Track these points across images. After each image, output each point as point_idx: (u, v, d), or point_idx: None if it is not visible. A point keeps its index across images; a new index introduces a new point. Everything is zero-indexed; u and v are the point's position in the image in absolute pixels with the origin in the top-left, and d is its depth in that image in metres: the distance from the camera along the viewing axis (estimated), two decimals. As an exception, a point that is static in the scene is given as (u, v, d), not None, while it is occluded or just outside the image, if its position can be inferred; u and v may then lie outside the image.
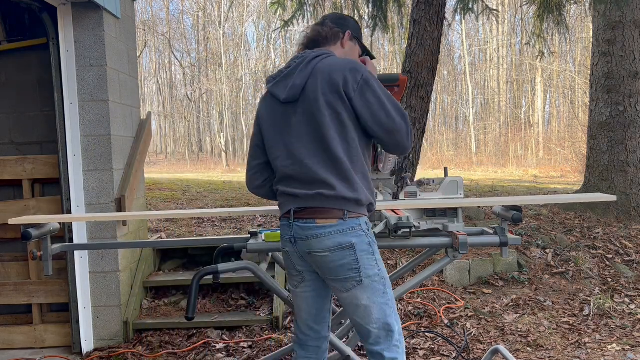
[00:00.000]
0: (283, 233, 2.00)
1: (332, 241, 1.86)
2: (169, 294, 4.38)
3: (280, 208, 2.02)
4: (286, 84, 1.94)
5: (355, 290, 1.89)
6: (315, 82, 1.88)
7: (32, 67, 4.02)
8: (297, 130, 1.91)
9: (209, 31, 28.48)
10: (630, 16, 5.89)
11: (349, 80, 1.85)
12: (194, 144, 29.66)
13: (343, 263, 1.87)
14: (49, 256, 2.41)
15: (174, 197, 7.72)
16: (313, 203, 1.88)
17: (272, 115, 1.99)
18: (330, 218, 1.87)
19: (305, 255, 1.94)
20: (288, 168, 1.94)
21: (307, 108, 1.89)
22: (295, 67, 1.95)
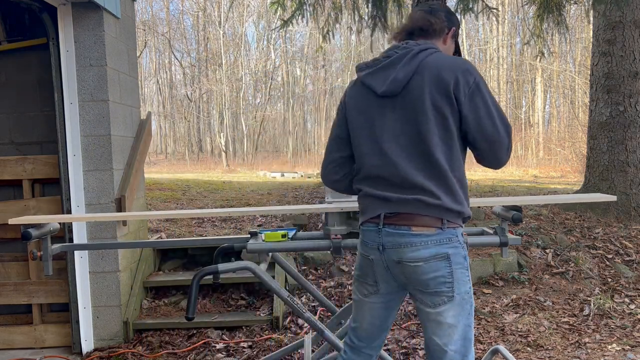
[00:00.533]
0: (368, 239, 1.84)
1: (428, 251, 1.73)
2: (169, 294, 4.38)
3: (364, 211, 1.87)
4: (385, 75, 1.78)
5: (444, 306, 1.75)
6: (421, 79, 1.72)
7: (32, 67, 4.02)
8: (393, 128, 1.77)
9: (209, 31, 28.48)
10: (630, 16, 5.89)
11: (461, 82, 1.70)
12: (194, 144, 29.67)
13: (437, 275, 1.74)
14: (49, 256, 2.41)
15: (174, 197, 7.72)
16: (409, 209, 1.74)
17: (364, 107, 1.84)
18: (428, 226, 1.73)
19: (393, 264, 1.79)
20: (377, 168, 1.80)
21: (408, 106, 1.74)
22: (397, 58, 1.78)
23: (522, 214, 2.22)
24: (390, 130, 1.78)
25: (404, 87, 1.75)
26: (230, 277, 4.09)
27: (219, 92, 26.69)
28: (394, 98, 1.77)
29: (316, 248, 2.49)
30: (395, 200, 1.76)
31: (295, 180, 12.71)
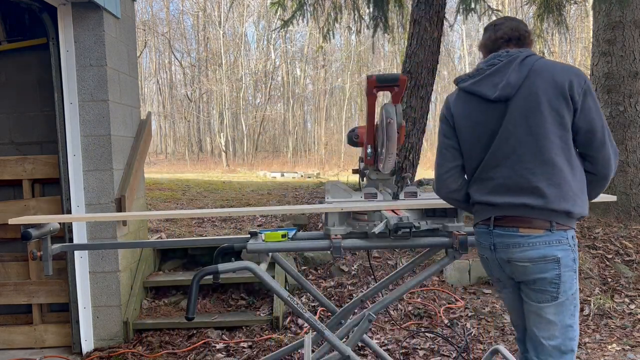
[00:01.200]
0: (481, 240, 1.96)
1: (536, 252, 1.79)
2: (169, 294, 4.38)
3: (476, 214, 1.98)
4: (494, 81, 1.85)
5: (547, 304, 1.83)
6: (534, 83, 1.79)
7: (32, 67, 4.02)
8: (508, 132, 1.83)
9: (209, 31, 28.47)
10: (630, 16, 5.89)
11: (575, 83, 1.76)
12: (194, 144, 29.66)
13: (544, 277, 1.80)
14: (49, 256, 2.41)
15: (174, 197, 7.72)
16: (517, 212, 1.82)
17: (474, 114, 1.90)
18: (536, 228, 1.80)
19: (504, 263, 1.90)
20: (492, 171, 1.87)
21: (523, 109, 1.80)
22: (503, 65, 1.85)
23: None
24: (506, 134, 1.84)
25: (517, 91, 1.81)
26: (230, 277, 4.09)
27: (219, 92, 26.68)
28: (506, 102, 1.83)
29: (316, 248, 2.49)
30: (503, 205, 1.85)
31: (295, 180, 12.71)
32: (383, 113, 2.27)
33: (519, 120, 1.81)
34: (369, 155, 2.48)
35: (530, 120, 1.79)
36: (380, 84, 2.26)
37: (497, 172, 1.86)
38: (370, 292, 2.79)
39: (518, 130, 1.81)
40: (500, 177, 1.86)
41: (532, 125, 1.79)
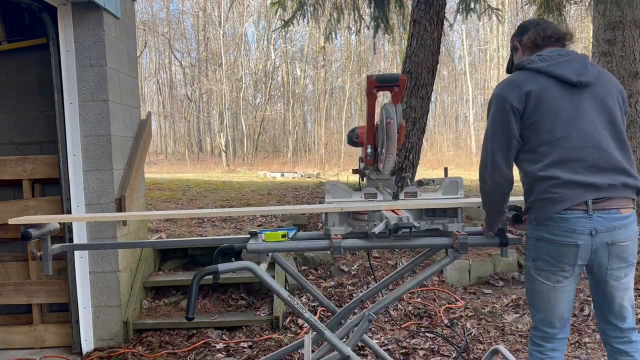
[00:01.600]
0: (577, 226, 1.92)
1: (632, 230, 1.94)
2: (169, 294, 4.38)
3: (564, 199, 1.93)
4: (572, 68, 1.96)
5: (630, 274, 2.00)
6: (606, 79, 2.01)
7: (32, 67, 4.03)
8: (590, 115, 1.93)
9: (209, 31, 28.48)
10: (630, 16, 5.89)
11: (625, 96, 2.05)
12: (194, 144, 29.66)
13: (634, 251, 1.96)
14: (49, 256, 2.41)
15: (174, 197, 7.72)
16: (616, 193, 1.91)
17: (554, 95, 1.96)
18: (629, 207, 1.94)
19: (602, 246, 1.93)
20: (579, 152, 1.92)
21: (600, 96, 1.95)
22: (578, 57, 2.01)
23: (522, 214, 2.22)
24: (588, 118, 1.94)
25: (594, 81, 1.97)
26: (230, 277, 4.09)
27: (219, 92, 26.68)
28: (586, 88, 1.96)
29: (316, 248, 2.49)
30: (603, 185, 1.91)
31: (295, 180, 12.71)
32: (383, 113, 2.27)
33: (599, 105, 1.95)
34: (369, 155, 2.48)
35: (608, 107, 1.96)
36: (380, 84, 2.26)
37: (586, 153, 1.92)
38: (370, 292, 2.79)
39: (599, 114, 1.94)
40: (591, 158, 1.91)
41: (610, 113, 1.96)
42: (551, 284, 2.03)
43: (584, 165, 1.92)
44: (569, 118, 1.94)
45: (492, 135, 2.04)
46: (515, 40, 2.20)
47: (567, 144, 1.93)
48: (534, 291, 2.09)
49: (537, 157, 1.98)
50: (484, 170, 2.08)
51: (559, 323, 2.08)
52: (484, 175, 2.09)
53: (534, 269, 2.06)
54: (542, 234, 1.99)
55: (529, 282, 2.10)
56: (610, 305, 2.05)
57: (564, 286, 2.02)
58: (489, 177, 2.06)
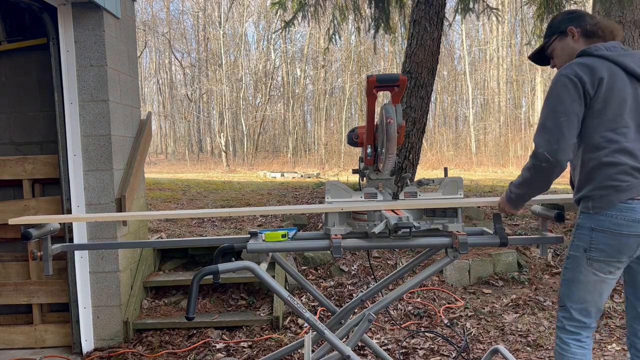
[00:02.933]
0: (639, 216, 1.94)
1: None
2: (169, 294, 4.38)
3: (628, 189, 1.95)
4: (636, 62, 2.00)
5: None
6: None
7: (32, 67, 4.03)
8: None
9: (209, 31, 28.47)
10: (630, 16, 5.89)
11: None
12: (194, 144, 29.66)
13: None
14: (49, 256, 2.41)
15: (174, 197, 7.72)
16: None
17: (621, 84, 1.99)
18: None
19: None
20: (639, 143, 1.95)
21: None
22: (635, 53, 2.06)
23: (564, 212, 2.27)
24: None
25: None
26: (230, 277, 4.09)
27: (219, 92, 26.68)
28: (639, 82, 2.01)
29: (316, 248, 2.49)
30: None
31: (295, 180, 12.71)
32: (383, 113, 2.28)
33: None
34: (369, 155, 2.48)
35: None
36: (380, 84, 2.26)
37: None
38: (370, 292, 2.79)
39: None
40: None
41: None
42: (602, 276, 2.03)
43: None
44: (632, 109, 1.98)
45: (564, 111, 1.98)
46: (569, 26, 2.17)
47: (631, 134, 1.96)
48: (580, 281, 2.07)
49: (601, 144, 1.98)
50: (549, 144, 1.98)
51: (596, 313, 2.10)
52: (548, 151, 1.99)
53: (585, 259, 2.04)
54: (602, 223, 1.98)
55: (575, 272, 2.08)
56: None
57: (613, 278, 2.04)
58: (553, 154, 1.98)
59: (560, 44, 2.20)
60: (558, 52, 2.22)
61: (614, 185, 1.95)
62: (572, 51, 2.14)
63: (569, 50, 2.17)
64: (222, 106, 26.61)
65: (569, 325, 2.12)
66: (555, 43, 2.22)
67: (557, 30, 2.21)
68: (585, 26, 2.14)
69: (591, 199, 2.00)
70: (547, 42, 2.25)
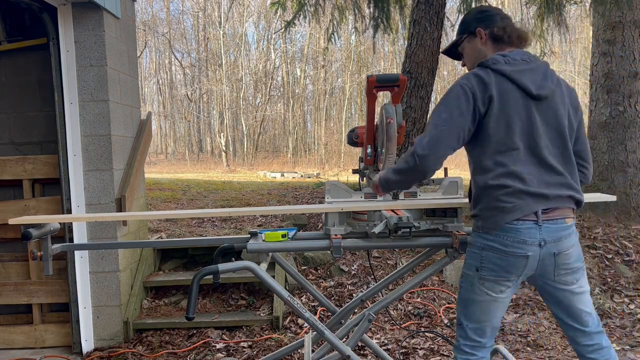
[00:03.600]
0: (526, 237, 1.88)
1: (574, 238, 1.97)
2: (169, 294, 4.38)
3: (515, 209, 1.88)
4: (534, 79, 1.92)
5: (582, 277, 2.00)
6: (561, 91, 1.98)
7: (32, 67, 4.03)
8: (541, 129, 1.92)
9: (209, 31, 28.48)
10: (630, 16, 5.89)
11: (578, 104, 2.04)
12: (194, 144, 29.67)
13: (578, 256, 1.99)
14: (49, 256, 2.41)
15: (174, 197, 7.72)
16: (562, 204, 1.93)
17: (513, 104, 1.89)
18: (572, 217, 1.97)
19: (548, 256, 1.91)
20: (529, 165, 1.90)
21: (554, 109, 1.94)
22: (539, 66, 1.97)
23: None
24: (540, 132, 1.92)
25: (552, 94, 1.95)
26: (230, 277, 4.09)
27: (219, 92, 26.69)
28: (541, 101, 1.93)
29: (316, 248, 2.49)
30: (552, 197, 1.91)
31: (295, 180, 12.71)
32: (383, 113, 2.28)
33: (551, 119, 1.94)
34: (369, 155, 2.48)
35: (558, 120, 1.95)
36: (380, 84, 2.26)
37: (535, 165, 1.92)
38: (370, 292, 2.79)
39: (550, 129, 1.93)
40: (538, 171, 1.92)
41: (559, 125, 1.95)
42: (494, 295, 1.97)
43: (533, 177, 1.89)
44: (523, 130, 1.89)
45: (448, 121, 1.90)
46: (476, 27, 2.05)
47: (520, 156, 1.89)
48: (473, 301, 2.00)
49: (488, 166, 1.92)
50: (423, 149, 1.90)
51: (491, 332, 2.04)
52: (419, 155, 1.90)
53: (477, 278, 1.97)
54: (490, 243, 1.93)
55: (470, 291, 2.01)
56: (568, 311, 2.03)
57: (505, 297, 1.98)
58: (421, 159, 1.91)
59: (469, 45, 2.09)
60: (468, 52, 2.11)
61: (500, 207, 1.90)
62: (480, 54, 2.05)
63: (477, 52, 2.06)
64: (222, 106, 26.61)
65: (465, 346, 2.05)
66: (465, 42, 2.11)
67: (467, 30, 2.09)
68: (493, 29, 2.01)
69: (481, 219, 1.97)
70: (458, 40, 2.14)
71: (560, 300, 2.02)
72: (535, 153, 1.91)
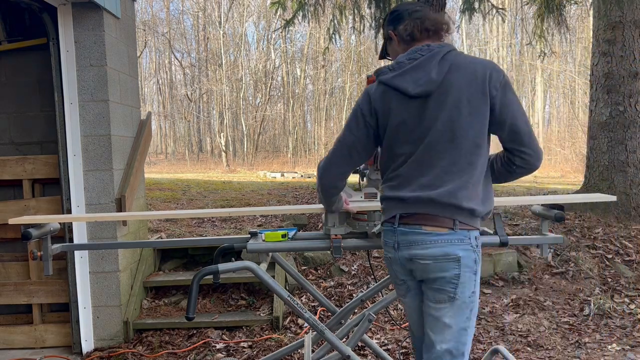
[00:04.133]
0: (387, 238, 1.90)
1: (438, 250, 1.76)
2: (169, 294, 4.38)
3: (384, 212, 1.92)
4: (415, 77, 1.78)
5: (444, 304, 1.79)
6: (455, 77, 1.75)
7: (32, 67, 4.03)
8: (426, 129, 1.77)
9: (209, 31, 28.47)
10: (630, 16, 5.89)
11: (494, 77, 1.75)
12: (194, 144, 29.66)
13: (444, 275, 1.77)
14: (49, 256, 2.41)
15: (174, 197, 7.72)
16: (421, 209, 1.78)
17: (395, 109, 1.82)
18: (439, 226, 1.76)
19: (405, 261, 1.85)
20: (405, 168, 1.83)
21: (443, 105, 1.75)
22: (425, 60, 1.79)
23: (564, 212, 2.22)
24: (422, 131, 1.78)
25: (438, 87, 1.76)
26: (230, 277, 4.09)
27: (219, 92, 26.68)
28: (427, 98, 1.77)
29: (316, 248, 2.49)
30: (410, 200, 1.79)
31: (295, 180, 12.70)
32: None
33: (438, 117, 1.76)
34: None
35: (448, 117, 1.75)
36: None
37: (411, 169, 1.81)
38: (370, 292, 2.79)
39: (435, 128, 1.76)
40: (413, 174, 1.80)
41: (449, 123, 1.75)
42: (402, 298, 1.98)
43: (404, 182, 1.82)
44: (404, 136, 1.81)
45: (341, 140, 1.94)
46: (389, 29, 1.96)
47: (398, 162, 1.84)
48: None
49: (382, 171, 1.96)
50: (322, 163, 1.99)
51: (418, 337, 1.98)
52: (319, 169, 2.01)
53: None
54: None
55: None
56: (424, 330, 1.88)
57: (409, 301, 1.95)
58: (319, 173, 2.00)
59: (390, 47, 2.01)
60: (392, 55, 2.01)
61: (382, 210, 1.94)
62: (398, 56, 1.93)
63: (396, 54, 1.95)
64: (222, 106, 26.60)
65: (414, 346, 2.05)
66: (388, 46, 2.03)
67: (385, 33, 2.01)
68: (399, 30, 1.90)
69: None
70: (383, 45, 2.08)
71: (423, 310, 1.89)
72: (413, 156, 1.80)
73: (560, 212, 2.23)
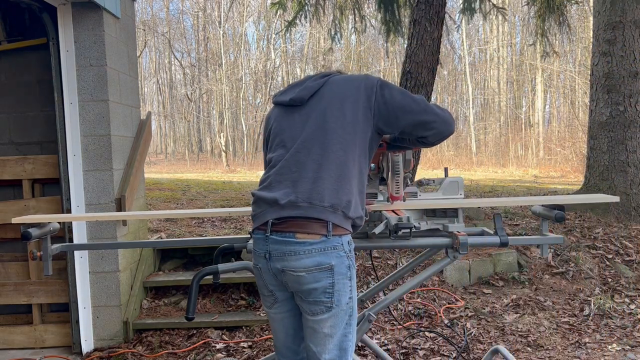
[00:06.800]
0: (257, 247, 1.83)
1: (310, 260, 1.70)
2: (169, 294, 4.38)
3: (253, 218, 1.86)
4: (294, 90, 1.91)
5: (321, 315, 1.74)
6: (330, 88, 1.86)
7: (32, 67, 4.02)
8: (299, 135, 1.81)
9: (209, 31, 28.49)
10: (630, 16, 5.89)
11: (368, 84, 1.84)
12: (194, 144, 29.67)
13: (318, 286, 1.71)
14: (49, 256, 2.41)
15: (174, 197, 7.72)
16: (296, 213, 1.72)
17: (276, 119, 1.94)
18: (312, 233, 1.70)
19: (278, 273, 1.77)
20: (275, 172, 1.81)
21: (316, 111, 1.82)
22: (306, 78, 1.96)
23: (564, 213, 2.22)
24: (295, 135, 1.83)
25: (312, 96, 1.86)
26: (230, 277, 4.09)
27: (219, 92, 26.69)
28: (301, 106, 1.87)
29: (316, 248, 2.48)
30: (285, 204, 1.73)
31: (295, 180, 12.68)
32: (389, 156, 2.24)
33: (310, 123, 1.81)
34: (372, 169, 2.46)
35: (322, 122, 1.79)
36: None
37: (283, 173, 1.79)
38: (370, 292, 2.79)
39: (308, 133, 1.80)
40: (284, 178, 1.78)
41: (322, 128, 1.78)
42: (267, 310, 1.91)
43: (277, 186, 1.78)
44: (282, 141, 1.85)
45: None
46: None
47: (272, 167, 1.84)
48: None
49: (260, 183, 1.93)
50: None
51: (285, 351, 1.94)
52: None
53: None
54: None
55: None
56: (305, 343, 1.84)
57: (277, 313, 1.88)
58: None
59: None
60: None
61: (252, 217, 1.87)
62: None
63: None
64: (222, 106, 26.61)
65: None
66: None
67: None
68: None
69: None
70: None
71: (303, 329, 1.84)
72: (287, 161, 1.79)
73: (561, 212, 2.22)
